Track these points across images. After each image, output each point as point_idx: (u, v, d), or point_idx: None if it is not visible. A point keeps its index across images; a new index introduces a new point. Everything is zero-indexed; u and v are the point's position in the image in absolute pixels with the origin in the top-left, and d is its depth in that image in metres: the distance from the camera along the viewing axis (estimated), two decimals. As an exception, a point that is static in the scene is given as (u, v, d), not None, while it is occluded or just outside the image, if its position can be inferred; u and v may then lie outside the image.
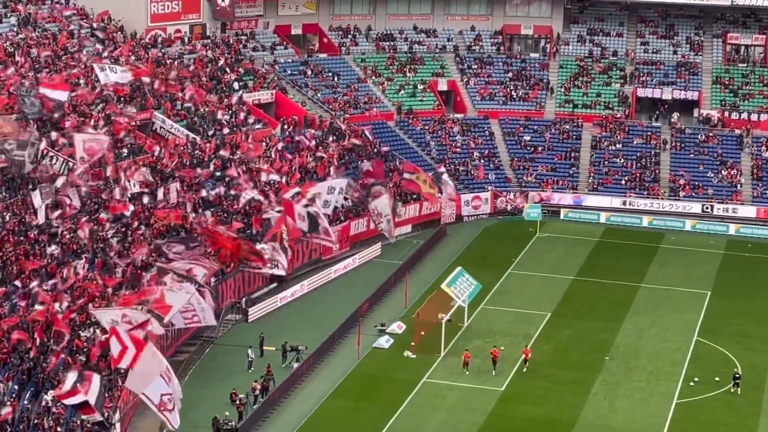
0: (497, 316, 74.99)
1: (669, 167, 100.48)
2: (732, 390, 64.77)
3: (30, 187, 69.20)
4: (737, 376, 65.47)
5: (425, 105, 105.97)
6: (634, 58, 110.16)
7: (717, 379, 65.64)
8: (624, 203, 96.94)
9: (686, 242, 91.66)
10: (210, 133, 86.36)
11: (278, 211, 69.58)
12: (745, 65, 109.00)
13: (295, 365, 65.53)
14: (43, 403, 51.82)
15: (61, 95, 77.03)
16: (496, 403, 62.40)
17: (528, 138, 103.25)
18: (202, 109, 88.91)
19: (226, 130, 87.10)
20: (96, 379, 48.82)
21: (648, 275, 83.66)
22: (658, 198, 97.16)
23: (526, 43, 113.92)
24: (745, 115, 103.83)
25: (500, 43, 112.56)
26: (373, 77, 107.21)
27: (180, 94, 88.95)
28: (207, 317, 56.94)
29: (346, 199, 77.75)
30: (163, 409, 49.06)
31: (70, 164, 71.70)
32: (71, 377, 48.02)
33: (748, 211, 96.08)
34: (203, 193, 76.46)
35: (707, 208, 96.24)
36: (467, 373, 65.02)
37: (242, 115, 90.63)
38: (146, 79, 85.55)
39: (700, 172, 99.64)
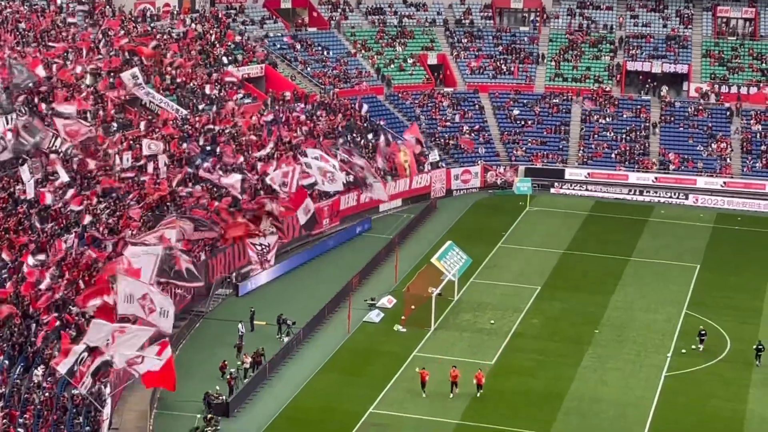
0: (487, 289, 75.08)
1: (659, 141, 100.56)
2: (694, 347, 65.87)
3: (19, 161, 69.09)
4: (703, 332, 66.43)
5: (415, 79, 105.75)
6: (623, 25, 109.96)
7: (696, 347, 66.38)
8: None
9: (676, 216, 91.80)
10: (200, 107, 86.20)
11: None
12: (735, 38, 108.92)
13: (285, 339, 65.63)
14: (34, 378, 51.78)
15: (43, 71, 77.30)
16: (487, 376, 62.43)
17: (517, 112, 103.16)
18: (191, 84, 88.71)
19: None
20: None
21: (638, 248, 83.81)
22: (647, 171, 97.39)
23: (516, 17, 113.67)
24: (734, 89, 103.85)
25: (490, 17, 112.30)
26: (363, 51, 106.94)
27: (169, 68, 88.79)
28: (163, 323, 54.62)
29: (348, 174, 78.05)
30: (133, 366, 49.60)
31: (60, 140, 71.56)
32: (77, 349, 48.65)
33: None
34: (192, 168, 76.37)
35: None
36: (424, 395, 59.95)
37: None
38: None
39: (690, 146, 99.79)
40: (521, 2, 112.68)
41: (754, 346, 65.27)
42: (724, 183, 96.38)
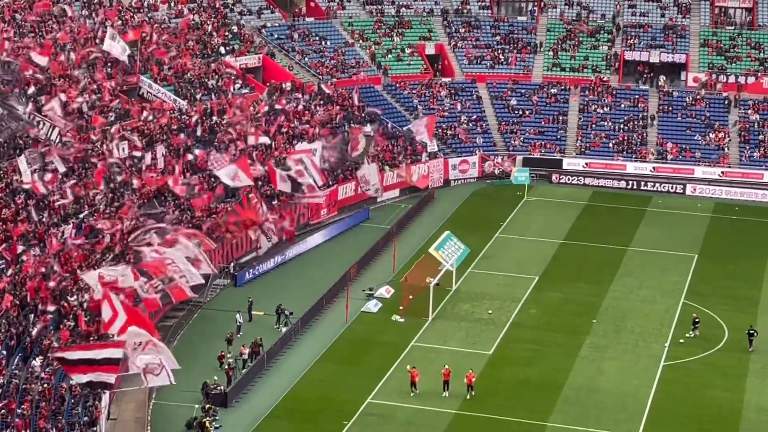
0: (485, 279, 75.09)
1: (657, 131, 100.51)
2: (689, 335, 66.15)
3: (17, 152, 69.00)
4: (696, 321, 66.58)
5: (413, 69, 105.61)
6: (621, 14, 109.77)
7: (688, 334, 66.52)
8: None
9: (674, 205, 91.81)
10: (197, 97, 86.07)
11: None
12: (733, 28, 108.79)
13: (284, 330, 65.66)
14: (32, 369, 51.79)
15: (42, 60, 77.15)
16: (485, 366, 62.55)
17: (515, 102, 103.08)
18: (188, 74, 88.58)
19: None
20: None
21: (636, 238, 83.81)
22: (644, 161, 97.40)
23: (513, 6, 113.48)
24: (732, 78, 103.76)
25: (488, 7, 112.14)
26: (361, 41, 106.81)
27: (166, 59, 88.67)
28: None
29: (324, 161, 78.08)
30: (148, 373, 49.43)
31: (57, 130, 71.47)
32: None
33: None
34: (189, 157, 76.29)
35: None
36: (412, 395, 58.94)
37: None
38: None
39: (688, 136, 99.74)
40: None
41: (747, 331, 65.72)
42: (722, 173, 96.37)
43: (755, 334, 65.38)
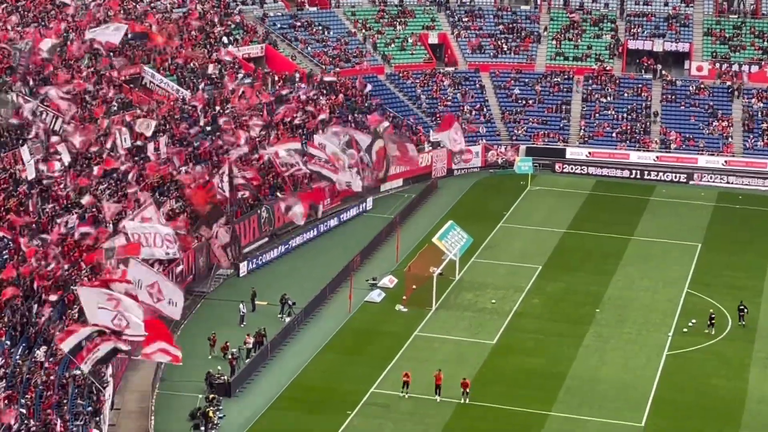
0: (488, 269, 75.08)
1: (660, 120, 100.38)
2: (706, 330, 65.89)
3: (19, 142, 68.94)
4: (712, 317, 66.52)
5: (416, 58, 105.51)
6: (625, 3, 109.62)
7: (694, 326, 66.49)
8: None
9: (677, 195, 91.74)
10: (200, 86, 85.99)
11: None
12: (737, 17, 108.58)
13: (287, 320, 65.69)
14: (35, 359, 51.81)
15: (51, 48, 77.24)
16: (488, 355, 62.62)
17: (518, 91, 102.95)
18: (192, 64, 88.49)
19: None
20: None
21: (639, 228, 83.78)
22: (648, 150, 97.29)
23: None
24: (736, 67, 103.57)
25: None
26: (364, 31, 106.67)
27: (169, 49, 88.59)
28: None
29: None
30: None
31: (60, 120, 71.41)
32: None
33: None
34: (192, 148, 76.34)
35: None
36: (405, 396, 58.01)
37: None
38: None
39: (691, 125, 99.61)
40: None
41: (738, 307, 66.61)
42: (726, 162, 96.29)
43: (745, 309, 66.45)
